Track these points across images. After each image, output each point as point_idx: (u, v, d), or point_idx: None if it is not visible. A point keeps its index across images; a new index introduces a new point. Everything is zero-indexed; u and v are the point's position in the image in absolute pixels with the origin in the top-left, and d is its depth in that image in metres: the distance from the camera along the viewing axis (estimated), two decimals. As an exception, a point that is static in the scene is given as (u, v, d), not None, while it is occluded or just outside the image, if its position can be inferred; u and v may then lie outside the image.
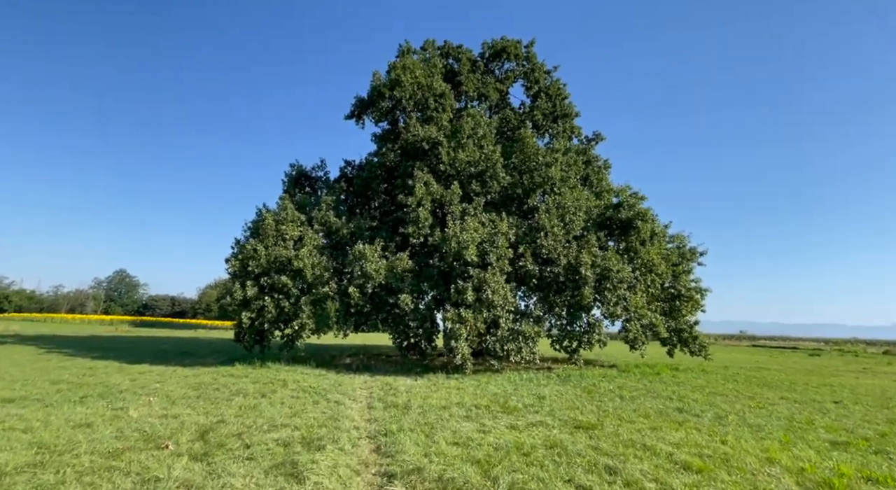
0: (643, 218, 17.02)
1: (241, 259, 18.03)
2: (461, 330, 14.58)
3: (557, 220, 16.90)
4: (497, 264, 15.63)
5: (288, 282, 16.76)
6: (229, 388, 11.20)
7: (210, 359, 19.87)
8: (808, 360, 31.82)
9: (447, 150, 19.14)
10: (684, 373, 17.71)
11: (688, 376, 16.54)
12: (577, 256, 15.76)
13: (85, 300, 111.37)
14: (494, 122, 22.31)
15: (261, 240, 18.54)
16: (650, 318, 17.72)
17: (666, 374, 16.95)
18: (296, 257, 17.06)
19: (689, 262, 19.83)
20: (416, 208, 17.60)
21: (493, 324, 15.42)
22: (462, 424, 7.64)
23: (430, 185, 18.53)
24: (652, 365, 19.45)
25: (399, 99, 20.21)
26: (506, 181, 19.40)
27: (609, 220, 17.86)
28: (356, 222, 19.53)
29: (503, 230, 16.38)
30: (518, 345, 15.20)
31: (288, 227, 18.68)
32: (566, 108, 24.26)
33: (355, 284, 16.30)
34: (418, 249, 19.18)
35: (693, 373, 17.81)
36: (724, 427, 8.07)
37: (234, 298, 17.26)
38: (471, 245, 15.48)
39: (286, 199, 19.99)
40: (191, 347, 25.86)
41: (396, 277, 16.67)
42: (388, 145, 21.63)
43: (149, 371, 14.49)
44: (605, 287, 15.73)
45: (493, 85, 23.81)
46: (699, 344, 19.07)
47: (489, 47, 24.46)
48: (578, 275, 15.50)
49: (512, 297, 15.41)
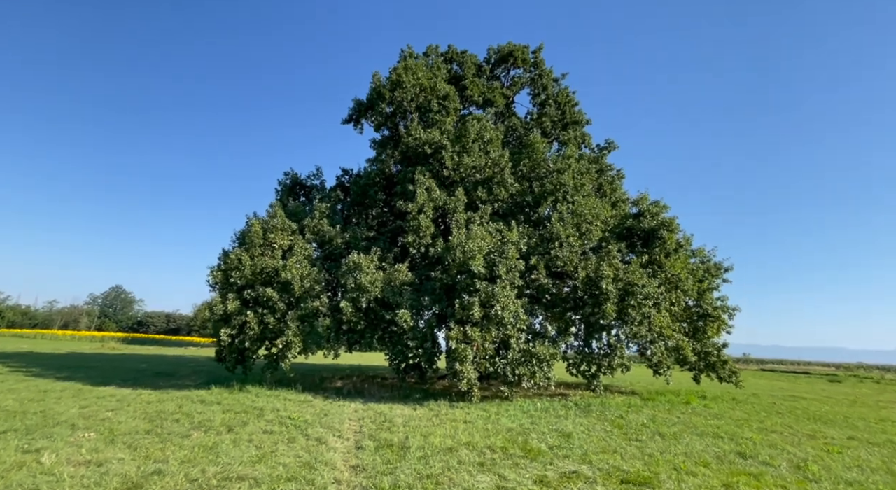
0: (668, 228, 15.40)
1: (224, 270, 16.35)
2: (467, 351, 12.79)
3: (573, 229, 15.30)
4: (507, 277, 13.95)
5: (274, 295, 15.05)
6: (192, 420, 9.38)
7: (187, 380, 17.97)
8: (834, 388, 29.73)
9: (451, 154, 17.69)
10: (716, 402, 15.80)
11: (722, 407, 14.64)
12: (598, 269, 14.09)
13: (78, 316, 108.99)
14: (501, 128, 20.97)
15: (246, 249, 16.91)
16: (676, 340, 15.94)
17: (696, 404, 15.05)
18: (284, 268, 15.39)
19: (713, 278, 18.12)
20: (416, 215, 16.03)
21: (502, 344, 13.64)
22: (476, 478, 5.85)
23: (433, 191, 17.01)
24: (676, 392, 17.52)
25: (400, 101, 18.89)
26: (514, 188, 17.89)
27: (629, 230, 16.24)
28: (352, 231, 17.94)
29: (513, 239, 14.75)
30: (531, 369, 13.38)
31: (277, 236, 17.08)
32: (576, 115, 22.97)
33: (348, 298, 14.58)
34: (419, 261, 17.52)
35: (726, 402, 15.90)
36: (816, 483, 6.25)
37: (215, 313, 15.53)
38: (478, 255, 13.84)
39: (277, 206, 18.45)
40: (171, 367, 23.90)
41: (394, 291, 14.96)
42: (388, 151, 20.20)
43: (110, 396, 12.64)
44: (628, 304, 14.00)
45: (499, 90, 22.57)
46: (729, 369, 17.19)
47: (495, 52, 23.34)
48: (599, 290, 13.80)
49: (524, 314, 13.67)
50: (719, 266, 18.22)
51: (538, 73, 23.38)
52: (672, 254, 15.83)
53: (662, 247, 15.41)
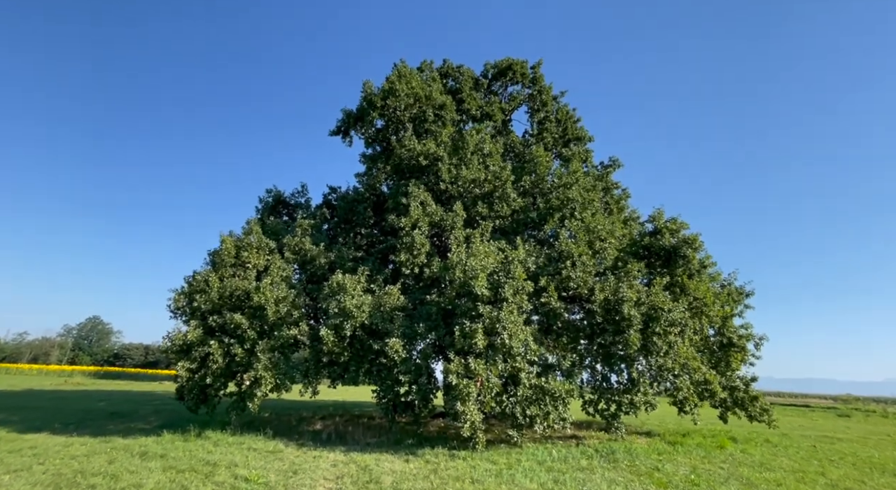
0: (692, 245, 13.81)
1: (187, 293, 14.28)
2: (470, 387, 10.76)
3: (585, 247, 13.64)
4: (514, 300, 12.12)
5: (243, 321, 12.97)
6: (118, 482, 7.18)
7: (142, 423, 15.50)
8: (855, 425, 27.72)
9: (448, 166, 16.16)
10: (751, 445, 13.79)
11: (762, 452, 12.64)
12: (617, 291, 12.33)
13: (49, 349, 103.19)
14: (500, 141, 19.67)
15: (216, 269, 14.92)
16: (703, 373, 14.06)
17: (731, 448, 13.03)
18: (256, 290, 13.39)
19: (735, 303, 16.45)
20: (410, 231, 14.28)
21: (510, 379, 11.64)
22: None
23: (428, 205, 15.35)
24: (701, 433, 15.46)
25: (393, 111, 17.51)
26: (517, 204, 16.32)
27: (646, 248, 14.61)
28: (337, 251, 16.08)
29: (520, 258, 13.02)
30: (545, 408, 11.36)
31: (251, 255, 15.14)
32: (578, 131, 21.85)
33: (329, 325, 12.56)
34: (412, 283, 15.64)
35: (762, 445, 13.90)
36: None
37: (173, 343, 13.34)
38: (480, 274, 12.04)
39: (254, 222, 16.59)
40: (131, 406, 21.19)
41: (384, 317, 13.00)
42: (379, 165, 18.67)
43: (29, 448, 10.28)
44: (652, 331, 12.20)
45: (497, 105, 21.45)
46: (760, 407, 15.26)
47: (492, 67, 22.35)
48: (620, 315, 12.00)
49: (534, 344, 11.76)
50: (741, 290, 16.59)
51: (537, 89, 22.35)
52: (695, 275, 14.18)
53: (686, 267, 13.77)
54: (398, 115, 17.56)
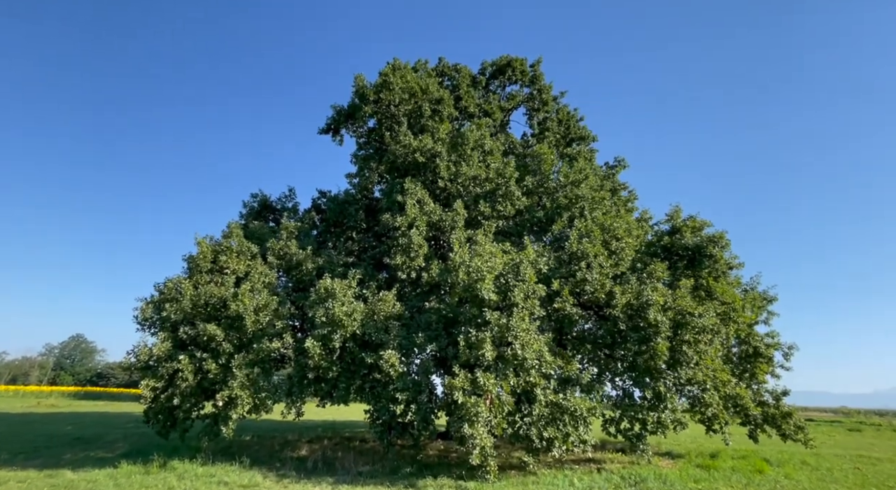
0: (718, 244, 12.56)
1: (157, 302, 12.74)
2: (478, 406, 9.27)
3: (601, 247, 12.34)
4: (525, 305, 10.73)
5: (217, 332, 11.42)
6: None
7: (103, 450, 13.75)
8: (870, 439, 26.32)
9: (447, 163, 14.91)
10: (791, 469, 12.35)
11: (809, 478, 11.20)
12: (640, 295, 10.99)
13: (29, 369, 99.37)
14: (501, 139, 18.54)
15: (191, 275, 13.41)
16: (733, 387, 12.69)
17: (770, 473, 11.58)
18: (234, 297, 11.88)
19: (759, 309, 15.15)
20: (406, 231, 12.91)
21: (524, 396, 10.17)
22: None
23: (426, 204, 14.03)
24: (734, 455, 13.98)
25: (387, 105, 16.31)
26: (521, 203, 15.05)
27: (666, 249, 13.33)
28: (326, 256, 14.66)
29: (530, 258, 11.67)
30: (563, 429, 9.87)
31: (231, 260, 13.66)
32: (581, 130, 20.81)
33: (316, 336, 11.06)
34: (409, 290, 14.21)
35: (805, 470, 12.46)
36: None
37: (138, 359, 11.74)
38: (487, 276, 10.66)
39: (235, 225, 15.13)
40: (98, 430, 19.29)
41: (378, 326, 11.53)
42: (372, 164, 17.38)
43: (-47, 483, 8.60)
44: (681, 339, 10.83)
45: (496, 103, 20.39)
46: (794, 424, 13.85)
47: (490, 65, 21.34)
48: (644, 321, 10.63)
49: (550, 355, 10.33)
50: (765, 296, 15.31)
51: (537, 88, 21.34)
52: (721, 277, 12.91)
53: (713, 268, 12.49)
54: (392, 110, 16.35)
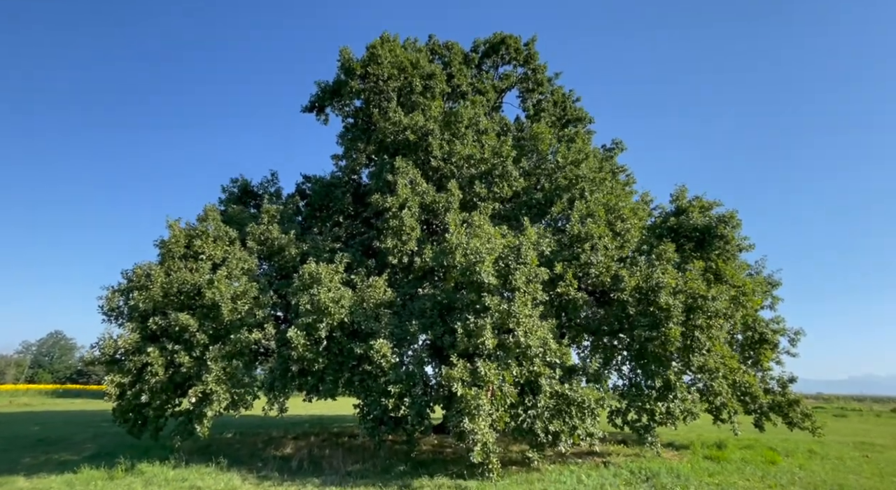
0: (729, 224, 11.89)
1: (124, 289, 11.65)
2: (479, 399, 8.46)
3: (606, 228, 11.58)
4: (527, 290, 9.93)
5: (191, 322, 10.39)
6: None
7: (69, 452, 12.67)
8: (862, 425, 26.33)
9: (440, 142, 13.98)
10: (801, 458, 11.88)
11: (825, 469, 10.69)
12: (649, 277, 10.26)
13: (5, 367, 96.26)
14: (496, 118, 17.66)
15: (163, 262, 12.31)
16: (742, 375, 12.13)
17: (784, 464, 11.05)
18: (209, 284, 10.85)
19: (764, 294, 14.60)
20: (398, 213, 11.99)
21: (528, 386, 9.40)
22: None
23: (418, 184, 13.10)
24: (741, 445, 13.46)
25: (375, 80, 15.26)
26: (519, 185, 14.21)
27: (673, 230, 12.64)
28: (311, 241, 13.67)
29: (531, 239, 10.85)
30: (570, 422, 9.13)
31: (207, 245, 12.57)
32: (577, 111, 20.04)
33: (300, 325, 10.12)
34: (400, 276, 13.32)
35: (815, 459, 11.99)
36: None
37: (103, 352, 10.67)
38: (486, 258, 9.81)
39: (211, 208, 14.03)
40: (68, 430, 18.08)
41: (367, 314, 10.63)
42: (359, 145, 16.36)
43: None
44: (693, 324, 10.15)
45: (490, 82, 19.47)
46: (801, 412, 13.38)
47: (483, 43, 20.38)
48: (655, 305, 9.91)
49: (555, 342, 9.55)
50: (770, 280, 14.77)
51: (531, 68, 20.46)
52: (731, 259, 12.28)
53: (723, 249, 11.84)
54: (381, 85, 15.31)
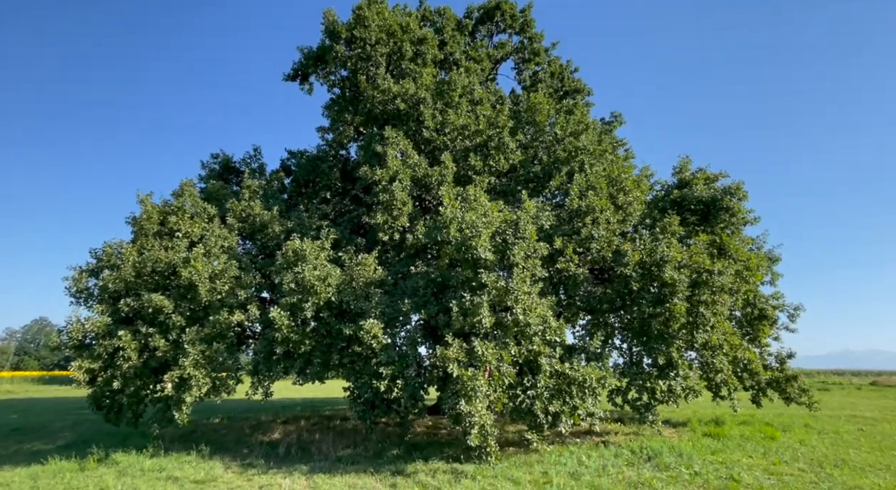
0: (735, 195, 11.37)
1: (93, 270, 10.85)
2: (477, 380, 7.96)
3: (608, 200, 11.00)
4: (526, 265, 9.36)
5: (166, 304, 9.68)
6: None
7: (43, 441, 12.07)
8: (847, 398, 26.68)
9: (432, 111, 13.16)
10: (799, 433, 11.72)
11: (824, 443, 10.50)
12: (653, 252, 9.75)
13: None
14: (492, 88, 16.82)
15: (135, 240, 11.50)
16: (743, 351, 11.83)
17: (783, 439, 10.85)
18: (185, 263, 10.09)
19: (766, 269, 14.25)
20: (388, 186, 11.25)
21: (527, 366, 8.92)
22: None
23: (410, 156, 12.34)
24: (738, 421, 13.29)
25: (363, 45, 14.24)
26: (516, 158, 13.52)
27: (676, 203, 12.10)
28: (296, 218, 12.92)
29: (530, 213, 10.24)
30: (571, 402, 8.72)
31: (183, 222, 11.74)
32: (576, 82, 19.22)
33: (284, 305, 9.46)
34: (392, 255, 12.67)
35: (812, 434, 11.84)
36: None
37: (70, 336, 9.94)
38: (483, 232, 9.19)
39: (188, 183, 13.14)
40: (47, 418, 17.42)
41: (357, 293, 10.01)
42: (346, 116, 15.46)
43: None
44: (698, 300, 9.72)
45: (485, 50, 18.51)
46: (798, 387, 13.22)
47: (477, 9, 19.31)
48: (660, 280, 9.43)
49: (555, 320, 9.06)
50: (770, 255, 14.41)
51: (527, 37, 19.50)
52: (735, 232, 11.84)
53: (729, 222, 11.37)
54: (368, 51, 14.30)
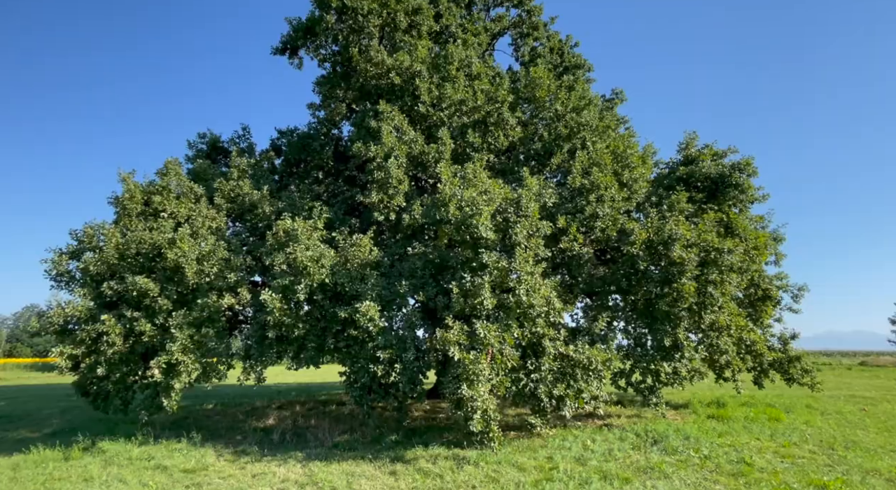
0: (745, 171, 10.97)
1: (74, 252, 10.32)
2: (480, 364, 7.62)
3: (612, 177, 10.57)
4: (528, 244, 8.96)
5: (151, 286, 9.21)
6: None
7: (29, 429, 11.67)
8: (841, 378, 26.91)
9: (428, 85, 12.55)
10: (804, 414, 11.59)
11: (829, 424, 10.36)
12: (660, 230, 9.37)
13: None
14: (490, 62, 16.17)
15: (117, 221, 10.95)
16: (748, 332, 11.61)
17: (788, 421, 10.70)
18: (170, 244, 9.58)
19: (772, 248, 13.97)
20: (383, 163, 10.73)
21: (531, 349, 8.59)
22: None
23: (405, 133, 11.78)
24: (742, 403, 13.16)
25: (355, 16, 13.50)
26: (516, 134, 13.01)
27: (682, 180, 11.69)
28: (287, 198, 12.39)
29: (533, 190, 9.79)
30: (575, 385, 8.43)
31: (168, 202, 11.19)
32: (576, 58, 18.55)
33: (276, 287, 9.03)
34: (388, 236, 12.23)
35: (816, 414, 11.70)
36: None
37: (52, 321, 9.47)
38: (484, 210, 8.75)
39: (173, 162, 12.52)
40: (35, 405, 17.01)
41: (351, 276, 9.57)
42: (338, 92, 14.80)
43: None
44: (707, 280, 9.39)
45: (482, 23, 17.76)
46: (801, 368, 13.07)
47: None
48: (668, 259, 9.08)
49: (559, 301, 8.70)
50: (776, 235, 14.12)
51: (526, 10, 18.75)
52: (744, 210, 11.49)
53: (738, 199, 10.99)
54: (360, 21, 13.56)
